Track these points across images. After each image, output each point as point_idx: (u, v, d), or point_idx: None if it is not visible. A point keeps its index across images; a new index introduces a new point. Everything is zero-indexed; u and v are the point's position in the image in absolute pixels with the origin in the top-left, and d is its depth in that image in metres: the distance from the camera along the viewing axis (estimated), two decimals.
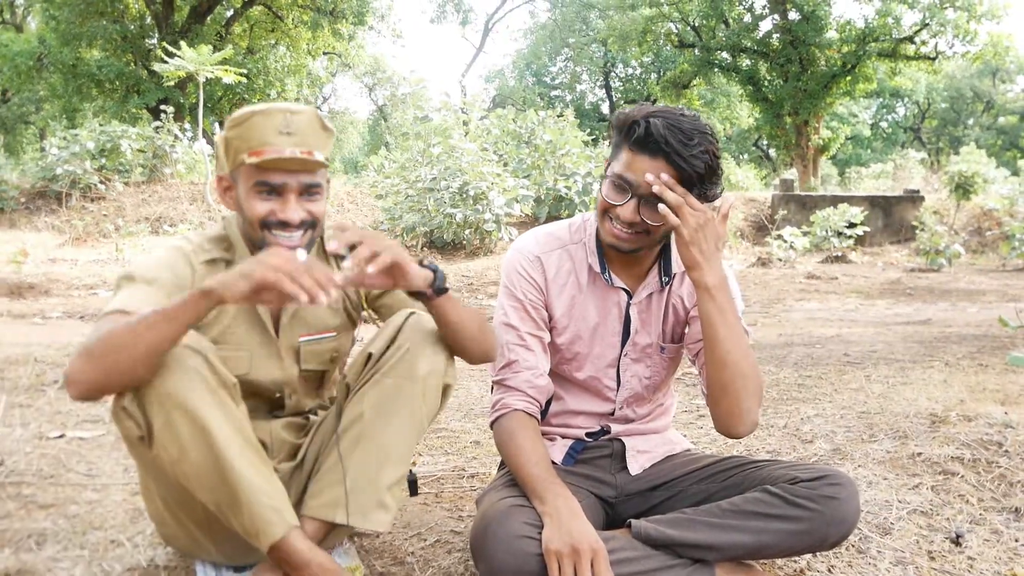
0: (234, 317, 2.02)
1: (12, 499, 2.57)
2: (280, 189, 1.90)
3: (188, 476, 1.75)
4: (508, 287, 2.18)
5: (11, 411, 3.54)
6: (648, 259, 2.17)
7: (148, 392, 1.70)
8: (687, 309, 2.22)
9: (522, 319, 2.16)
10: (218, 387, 1.76)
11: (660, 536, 1.94)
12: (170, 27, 26.25)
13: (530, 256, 2.18)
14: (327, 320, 2.13)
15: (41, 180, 18.09)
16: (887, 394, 4.14)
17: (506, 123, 16.81)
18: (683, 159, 1.91)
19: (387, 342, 1.95)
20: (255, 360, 2.03)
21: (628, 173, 1.96)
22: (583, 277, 2.18)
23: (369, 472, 1.90)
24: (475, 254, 13.36)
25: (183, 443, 1.72)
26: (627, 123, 1.98)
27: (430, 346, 1.95)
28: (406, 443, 1.93)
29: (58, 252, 13.00)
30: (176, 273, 1.94)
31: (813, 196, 18.44)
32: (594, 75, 44.27)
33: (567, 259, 2.19)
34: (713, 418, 2.10)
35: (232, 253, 2.03)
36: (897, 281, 11.35)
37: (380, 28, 32.42)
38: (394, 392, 1.91)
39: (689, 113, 1.98)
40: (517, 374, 2.13)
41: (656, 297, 2.20)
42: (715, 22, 30.00)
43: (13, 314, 7.01)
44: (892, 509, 2.59)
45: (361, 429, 1.91)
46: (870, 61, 28.26)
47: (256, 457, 1.80)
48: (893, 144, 46.44)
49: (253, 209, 1.91)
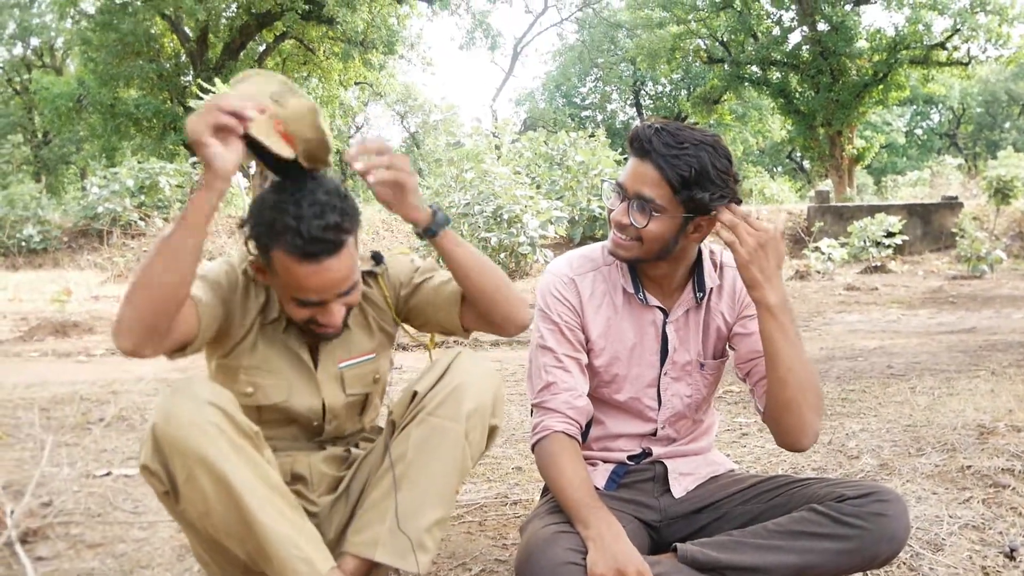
0: (269, 347, 2.03)
1: (61, 539, 2.61)
2: (319, 302, 1.90)
3: (217, 529, 1.77)
4: (544, 310, 2.19)
5: (58, 450, 3.58)
6: (680, 275, 2.16)
7: (169, 449, 1.71)
8: (729, 325, 2.21)
9: (559, 341, 2.16)
10: (239, 438, 1.76)
11: (707, 559, 1.92)
12: (204, 64, 26.67)
13: (564, 278, 2.19)
14: (363, 343, 2.14)
15: (83, 219, 18.42)
16: (933, 406, 4.08)
17: (538, 145, 16.86)
18: (664, 159, 1.95)
19: (434, 380, 1.95)
20: (293, 388, 2.04)
21: (623, 176, 2.03)
22: (618, 298, 2.18)
23: (410, 512, 1.89)
24: (511, 277, 13.37)
25: (207, 498, 1.73)
26: (631, 133, 2.05)
27: (476, 386, 1.94)
28: (448, 484, 1.93)
29: (101, 289, 13.19)
30: (226, 277, 1.98)
31: (849, 206, 18.27)
32: (624, 94, 44.29)
33: (601, 280, 2.19)
34: (774, 434, 2.11)
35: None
36: (939, 289, 11.20)
37: (410, 57, 32.69)
38: (438, 432, 1.91)
39: (701, 128, 2.02)
40: (556, 396, 2.13)
41: (693, 313, 2.20)
42: (743, 36, 29.89)
43: (58, 352, 7.12)
44: (943, 524, 2.54)
45: (404, 469, 1.91)
46: (902, 69, 27.98)
47: (284, 504, 1.80)
48: (929, 151, 45.89)
49: (292, 312, 1.93)
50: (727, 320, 2.21)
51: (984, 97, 45.70)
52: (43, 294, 12.06)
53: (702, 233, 2.05)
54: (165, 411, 1.71)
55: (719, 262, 2.21)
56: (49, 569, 2.36)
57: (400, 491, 1.90)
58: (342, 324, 1.99)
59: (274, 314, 2.03)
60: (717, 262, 2.21)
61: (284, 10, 25.41)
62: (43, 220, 18.21)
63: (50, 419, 4.19)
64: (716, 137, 2.01)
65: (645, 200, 1.98)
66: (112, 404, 4.54)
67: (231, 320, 1.99)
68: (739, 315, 2.20)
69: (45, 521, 2.72)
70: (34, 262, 17.44)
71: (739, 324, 2.20)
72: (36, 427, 3.98)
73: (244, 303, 2.00)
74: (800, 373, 1.99)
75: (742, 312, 2.20)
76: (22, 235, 17.72)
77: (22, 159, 32.71)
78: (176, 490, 1.75)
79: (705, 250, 2.19)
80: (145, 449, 1.75)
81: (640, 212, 1.99)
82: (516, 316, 2.07)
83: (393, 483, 1.91)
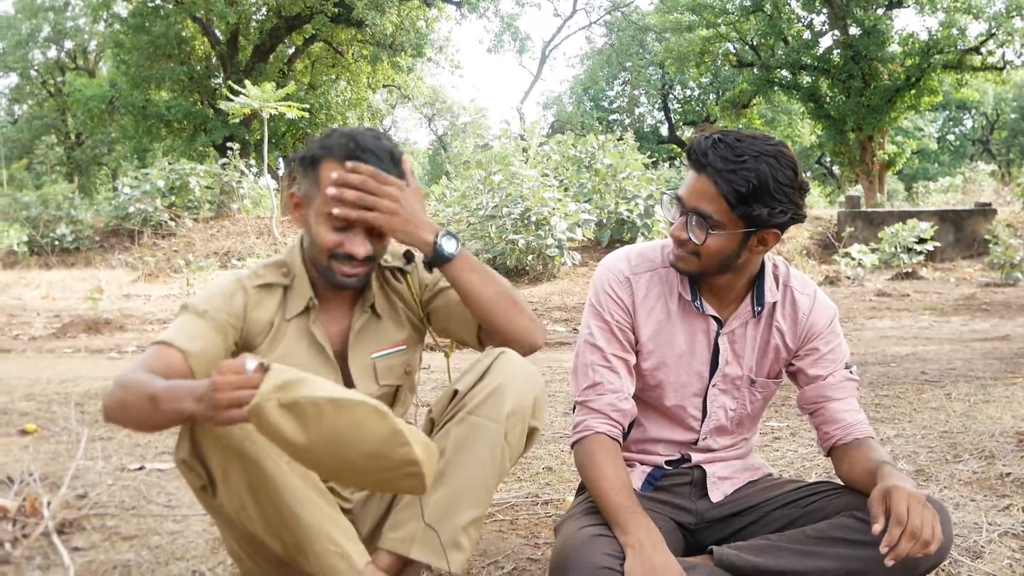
0: (293, 339, 2.03)
1: (97, 531, 2.63)
2: (351, 223, 1.91)
3: (254, 523, 1.77)
4: (595, 306, 2.15)
5: (92, 444, 3.62)
6: (741, 287, 2.12)
7: (207, 443, 1.72)
8: (791, 351, 2.17)
9: (608, 340, 2.13)
10: None
11: (743, 563, 1.90)
12: (234, 66, 26.88)
13: (620, 276, 2.15)
14: (394, 334, 2.13)
15: (114, 219, 18.60)
16: (969, 412, 4.03)
17: (566, 148, 16.82)
18: (720, 175, 1.89)
19: (475, 380, 1.94)
20: None
21: (682, 190, 1.98)
22: (673, 302, 2.13)
23: (446, 511, 1.89)
24: (538, 280, 13.36)
25: (245, 492, 1.73)
26: (689, 145, 2.00)
27: (518, 387, 1.92)
28: (485, 484, 1.91)
29: (131, 288, 13.32)
30: (229, 303, 1.97)
31: (880, 212, 18.10)
32: (652, 98, 44.13)
33: (658, 282, 2.14)
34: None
35: (290, 278, 2.05)
36: (971, 296, 11.06)
37: (438, 60, 32.75)
38: (477, 431, 1.90)
39: (764, 137, 1.95)
40: (601, 396, 2.10)
41: (751, 327, 2.15)
42: (774, 40, 29.71)
43: (91, 349, 7.19)
44: (982, 532, 2.51)
45: (442, 467, 1.89)
46: (935, 73, 27.71)
47: (321, 499, 1.79)
48: (961, 157, 45.39)
49: (322, 237, 1.93)
50: (787, 343, 2.16)
51: (1019, 103, 45.20)
52: (75, 292, 12.21)
53: (767, 246, 2.00)
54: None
55: (781, 278, 2.16)
56: (86, 560, 2.37)
57: (437, 489, 1.89)
58: (364, 274, 1.99)
59: (297, 308, 2.03)
60: (780, 277, 2.15)
61: (314, 13, 25.57)
62: (76, 220, 18.39)
63: (84, 413, 4.22)
64: (781, 147, 1.93)
65: (702, 216, 1.93)
66: None
67: (246, 335, 2.00)
68: (803, 344, 2.16)
69: (81, 513, 2.75)
70: (67, 261, 17.63)
71: (805, 360, 2.15)
72: (71, 421, 4.02)
73: (258, 310, 2.01)
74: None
75: (807, 342, 2.15)
76: (55, 234, 17.91)
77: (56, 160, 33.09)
78: (214, 484, 1.75)
79: (768, 263, 2.13)
80: (182, 444, 1.76)
81: (698, 228, 1.94)
82: (529, 341, 2.06)
83: (433, 481, 1.90)
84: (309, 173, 1.94)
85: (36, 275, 15.12)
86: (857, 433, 2.10)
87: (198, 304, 1.95)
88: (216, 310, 1.95)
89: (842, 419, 2.11)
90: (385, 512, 2.07)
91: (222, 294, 1.99)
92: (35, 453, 3.49)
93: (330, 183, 1.88)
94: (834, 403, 2.12)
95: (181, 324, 1.92)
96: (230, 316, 1.96)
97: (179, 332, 1.89)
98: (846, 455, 2.08)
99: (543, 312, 9.96)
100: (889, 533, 1.66)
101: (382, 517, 2.07)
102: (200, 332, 1.90)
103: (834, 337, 2.16)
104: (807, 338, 2.15)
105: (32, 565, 2.33)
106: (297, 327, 2.03)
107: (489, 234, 13.47)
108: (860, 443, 2.08)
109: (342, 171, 1.88)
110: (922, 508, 1.69)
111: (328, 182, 1.89)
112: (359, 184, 1.88)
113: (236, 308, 1.98)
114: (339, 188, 1.88)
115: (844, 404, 2.12)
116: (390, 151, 1.92)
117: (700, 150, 1.92)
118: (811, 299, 2.16)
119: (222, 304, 1.97)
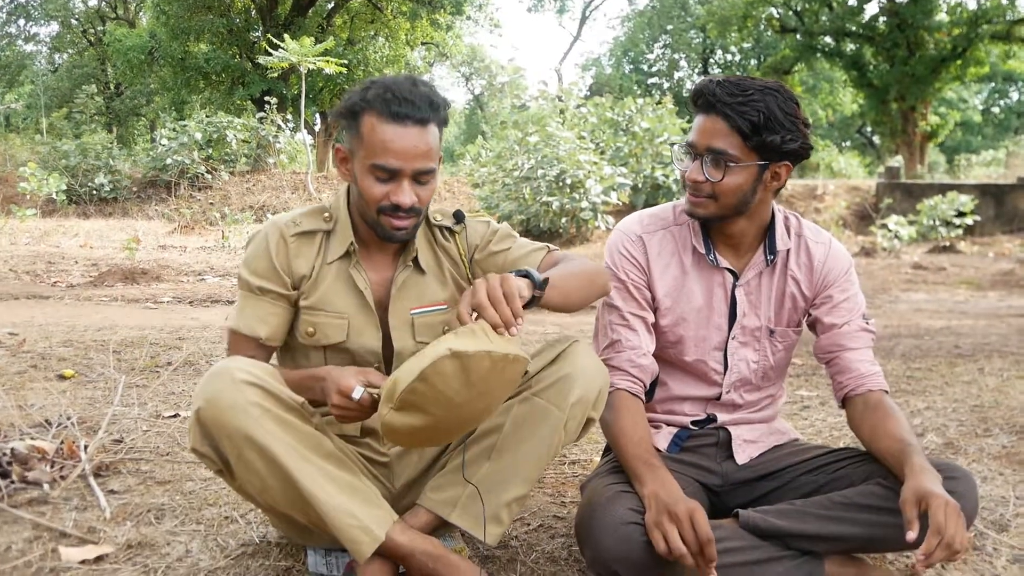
0: (334, 286, 2.04)
1: (132, 475, 2.68)
2: (396, 174, 1.92)
3: (276, 502, 1.80)
4: (611, 266, 2.19)
5: (129, 391, 3.68)
6: (753, 235, 2.14)
7: (216, 431, 1.74)
8: (808, 299, 2.18)
9: (625, 299, 2.16)
10: (284, 412, 1.78)
11: (769, 526, 1.91)
12: (274, 20, 26.88)
13: (632, 236, 2.19)
14: (437, 293, 2.13)
15: (152, 170, 18.82)
16: (1002, 388, 4.00)
17: (603, 111, 16.71)
18: (731, 108, 1.94)
19: (545, 364, 1.97)
20: (352, 328, 2.05)
21: (690, 136, 2.03)
22: (687, 258, 2.17)
23: (494, 484, 1.93)
24: (571, 242, 13.36)
25: (262, 475, 1.76)
26: (694, 90, 2.04)
27: (585, 378, 1.94)
28: (536, 465, 1.95)
29: (168, 239, 13.46)
30: (275, 264, 2.00)
31: (920, 184, 17.87)
32: (693, 62, 43.67)
33: (670, 240, 2.18)
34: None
35: (332, 223, 2.06)
36: (1010, 272, 10.92)
37: (478, 18, 32.61)
38: (540, 415, 1.93)
39: (760, 79, 2.01)
40: (620, 353, 2.14)
41: (766, 277, 2.17)
42: (818, 6, 29.23)
43: (127, 299, 7.29)
44: (1009, 505, 2.50)
45: (498, 440, 1.94)
46: (982, 44, 27.16)
47: (339, 470, 1.82)
48: (1005, 130, 44.56)
49: (368, 190, 1.93)
50: (803, 291, 2.18)
51: None
52: (112, 242, 12.36)
53: (780, 181, 2.04)
54: (206, 395, 1.74)
55: (793, 228, 2.18)
56: (121, 502, 2.43)
57: (490, 461, 1.93)
58: (413, 226, 1.98)
59: (338, 252, 2.04)
60: (791, 227, 2.18)
61: None
62: (114, 170, 18.61)
63: (121, 361, 4.30)
64: (779, 83, 2.00)
65: (717, 153, 1.97)
66: (180, 349, 4.64)
67: (294, 282, 2.03)
68: (819, 292, 2.17)
69: (117, 457, 2.81)
70: (104, 210, 17.85)
71: (821, 308, 2.17)
72: (109, 368, 4.09)
73: (298, 259, 2.03)
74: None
75: (823, 290, 2.16)
76: (94, 184, 18.13)
77: (95, 110, 33.30)
78: (230, 468, 1.80)
79: (779, 214, 2.16)
80: (193, 433, 1.79)
81: (714, 166, 1.98)
82: (606, 292, 2.10)
83: (484, 452, 1.95)
84: (351, 126, 1.94)
85: (74, 224, 15.32)
86: (871, 384, 2.11)
87: (250, 279, 2.00)
88: (269, 281, 2.00)
89: (856, 369, 2.12)
90: (427, 466, 2.11)
91: (267, 255, 2.01)
92: (72, 398, 3.55)
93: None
94: (849, 352, 2.13)
95: (244, 306, 2.01)
96: (281, 278, 2.01)
97: (247, 317, 2.00)
98: (862, 410, 2.09)
99: None
100: (927, 543, 1.66)
101: (424, 469, 2.11)
102: (265, 313, 2.00)
103: (850, 286, 2.18)
104: (823, 286, 2.17)
105: (69, 506, 2.39)
106: (338, 270, 2.05)
107: (523, 195, 13.46)
108: (877, 402, 2.08)
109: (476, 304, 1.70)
110: (957, 517, 1.69)
111: (382, 135, 1.87)
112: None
113: (282, 264, 2.01)
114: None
115: (859, 355, 2.14)
116: (429, 98, 1.90)
117: (708, 91, 1.98)
118: (826, 247, 2.18)
119: (270, 270, 2.00)
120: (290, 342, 2.09)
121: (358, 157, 1.94)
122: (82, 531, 2.23)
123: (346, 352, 2.05)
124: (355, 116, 1.92)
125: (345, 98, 1.96)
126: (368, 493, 1.85)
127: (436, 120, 1.92)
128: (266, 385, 1.77)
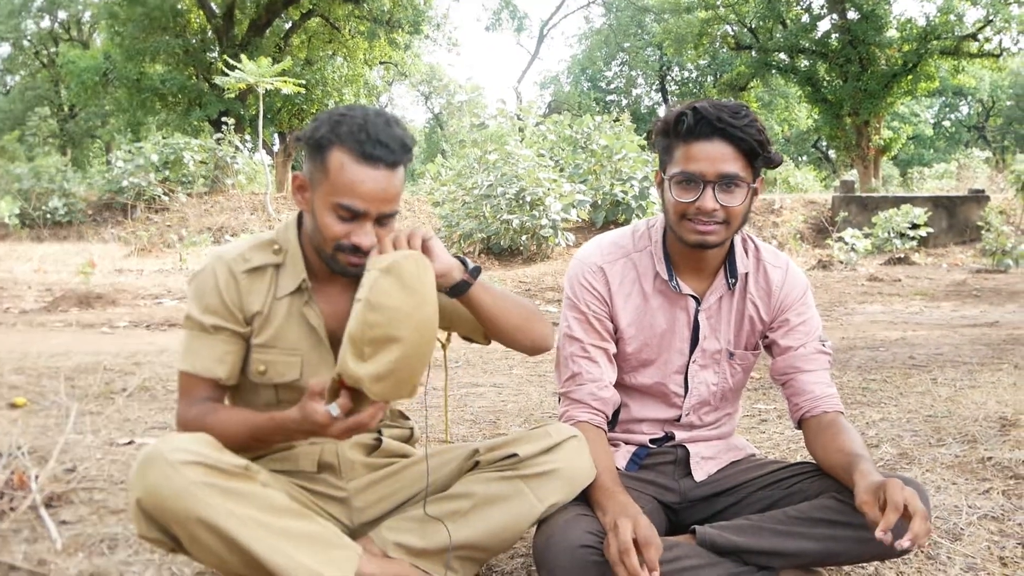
0: (284, 319, 1.98)
1: (85, 504, 2.64)
2: (360, 216, 1.85)
3: (238, 570, 1.74)
4: (571, 299, 2.17)
5: (82, 418, 3.62)
6: (715, 260, 2.14)
7: (162, 518, 1.68)
8: (765, 323, 2.20)
9: (586, 331, 2.15)
10: (228, 481, 1.72)
11: (725, 543, 1.92)
12: (230, 40, 26.73)
13: (593, 267, 2.17)
14: None
15: (107, 192, 18.58)
16: (954, 398, 4.06)
17: (562, 129, 16.78)
18: (739, 130, 1.93)
19: (538, 451, 1.95)
20: (306, 366, 1.99)
21: (691, 166, 1.96)
22: (648, 285, 2.16)
23: (456, 528, 1.94)
24: (532, 260, 13.37)
25: (217, 552, 1.70)
26: (673, 119, 2.00)
27: (572, 477, 1.95)
28: (502, 542, 1.97)
29: (124, 263, 13.30)
30: (226, 300, 1.95)
31: (875, 197, 18.11)
32: (650, 79, 44.02)
33: (631, 268, 2.17)
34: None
35: (281, 256, 1.99)
36: (962, 283, 11.10)
37: (436, 37, 32.62)
38: (519, 499, 1.93)
39: (727, 99, 2.01)
40: (581, 386, 2.13)
41: (727, 300, 2.18)
42: (772, 23, 29.62)
43: (82, 323, 7.19)
44: (962, 514, 2.53)
45: (467, 508, 1.94)
46: (932, 59, 27.66)
47: (295, 521, 1.78)
48: (956, 143, 45.39)
49: (328, 227, 1.86)
50: (761, 315, 2.19)
51: (1015, 90, 45.12)
52: (67, 266, 12.19)
53: (757, 195, 2.06)
54: (144, 486, 1.67)
55: (751, 251, 2.19)
56: (73, 533, 2.39)
57: (454, 524, 1.93)
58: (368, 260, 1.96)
59: (289, 288, 1.97)
60: (749, 250, 2.19)
61: None
62: (68, 193, 18.36)
63: (74, 388, 4.23)
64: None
65: (730, 178, 1.95)
66: (135, 375, 4.58)
67: (247, 318, 1.97)
68: (776, 315, 2.19)
69: (69, 487, 2.76)
70: (59, 234, 17.59)
71: (778, 331, 2.19)
72: (61, 395, 4.03)
73: (250, 296, 1.96)
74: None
75: (780, 313, 2.18)
76: (48, 207, 17.87)
77: (48, 132, 32.91)
78: (184, 548, 1.74)
79: (737, 236, 2.15)
80: (138, 522, 1.72)
81: (726, 191, 1.97)
82: (540, 345, 2.12)
83: (447, 513, 1.95)
84: (316, 157, 1.86)
85: (28, 248, 15.09)
86: (826, 406, 2.12)
87: (202, 318, 1.93)
88: (222, 319, 1.94)
89: (811, 391, 2.14)
90: (389, 511, 2.08)
91: (216, 292, 1.94)
92: (24, 426, 3.49)
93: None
94: (804, 375, 2.15)
95: (197, 347, 1.94)
96: (235, 316, 1.95)
97: (202, 358, 1.94)
98: (816, 431, 2.11)
99: (536, 292, 9.97)
100: (886, 518, 1.67)
101: (386, 513, 2.08)
102: (221, 352, 1.94)
103: (806, 309, 2.20)
104: (780, 310, 2.18)
105: (19, 538, 2.34)
106: (290, 306, 1.98)
107: (484, 213, 13.47)
108: (831, 422, 2.10)
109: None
110: (914, 495, 1.71)
111: (350, 174, 1.82)
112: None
113: (233, 301, 1.95)
114: None
115: (814, 376, 2.15)
116: (402, 140, 1.85)
117: (712, 116, 1.94)
118: (783, 271, 2.20)
119: (222, 308, 1.94)
120: (239, 379, 2.02)
121: (320, 190, 1.86)
122: (32, 564, 2.18)
123: (299, 390, 1.97)
124: (322, 148, 1.84)
125: (313, 125, 1.87)
126: (327, 535, 1.81)
127: (405, 162, 1.88)
128: (204, 460, 1.70)
